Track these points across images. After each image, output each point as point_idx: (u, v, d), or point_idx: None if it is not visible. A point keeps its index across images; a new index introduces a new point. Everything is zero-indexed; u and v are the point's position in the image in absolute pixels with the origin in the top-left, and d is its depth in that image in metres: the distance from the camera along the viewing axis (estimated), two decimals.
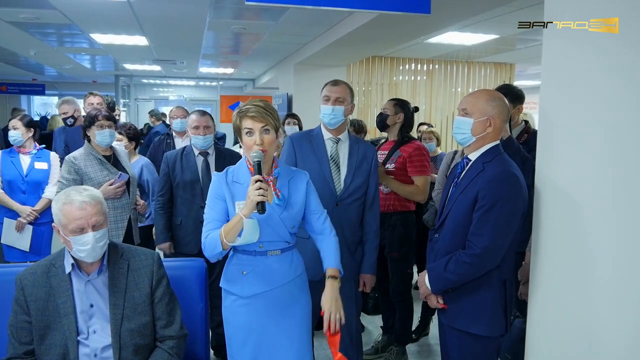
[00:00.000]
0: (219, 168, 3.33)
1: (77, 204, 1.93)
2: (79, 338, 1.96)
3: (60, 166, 4.06)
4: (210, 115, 3.45)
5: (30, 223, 3.91)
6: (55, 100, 16.20)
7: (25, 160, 3.97)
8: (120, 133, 3.80)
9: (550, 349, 2.10)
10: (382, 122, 3.57)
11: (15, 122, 3.96)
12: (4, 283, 2.12)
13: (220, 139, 5.16)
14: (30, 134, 3.98)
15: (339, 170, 2.77)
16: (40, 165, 3.98)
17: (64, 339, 1.94)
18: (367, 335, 4.11)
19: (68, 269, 1.98)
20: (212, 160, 3.39)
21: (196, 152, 3.38)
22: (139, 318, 2.01)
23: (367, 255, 2.84)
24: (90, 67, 11.00)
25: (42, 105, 16.71)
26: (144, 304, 2.03)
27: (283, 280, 2.18)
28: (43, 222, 3.97)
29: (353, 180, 2.76)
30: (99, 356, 1.97)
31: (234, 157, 3.47)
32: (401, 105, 3.50)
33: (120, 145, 3.73)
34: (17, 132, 3.93)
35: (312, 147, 2.79)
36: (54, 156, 4.10)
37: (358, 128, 4.83)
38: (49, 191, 3.95)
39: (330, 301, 2.11)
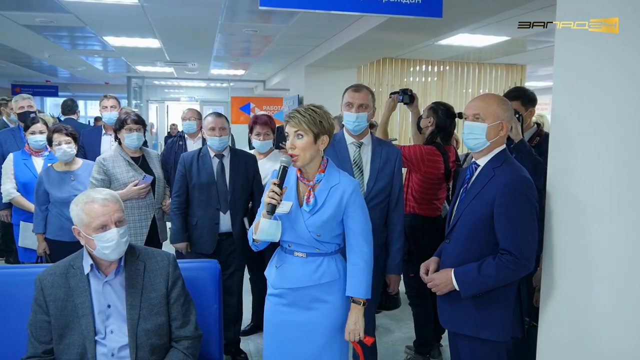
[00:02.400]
0: (233, 170, 3.38)
1: (99, 201, 1.99)
2: (96, 338, 2.00)
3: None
4: (226, 117, 3.50)
5: None
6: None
7: (38, 163, 4.00)
8: (67, 135, 3.60)
9: (561, 354, 2.11)
10: (417, 125, 3.60)
11: (42, 127, 3.99)
12: (24, 283, 2.17)
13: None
14: None
15: (362, 174, 2.78)
16: None
17: (82, 338, 1.98)
18: (385, 334, 4.16)
19: (87, 269, 2.02)
20: (227, 162, 3.42)
21: (212, 153, 3.41)
22: (155, 318, 2.05)
23: (392, 256, 2.85)
24: (103, 69, 11.11)
25: (55, 107, 16.86)
26: (160, 304, 2.07)
27: (303, 282, 2.22)
28: None
29: (376, 184, 2.76)
30: (116, 355, 2.01)
31: (249, 160, 3.51)
32: (434, 109, 3.46)
33: (72, 149, 3.61)
34: (44, 136, 3.96)
35: (335, 152, 2.80)
36: None
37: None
38: None
39: (352, 320, 2.21)
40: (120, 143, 3.49)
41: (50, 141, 3.63)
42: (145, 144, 4.84)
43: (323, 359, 2.25)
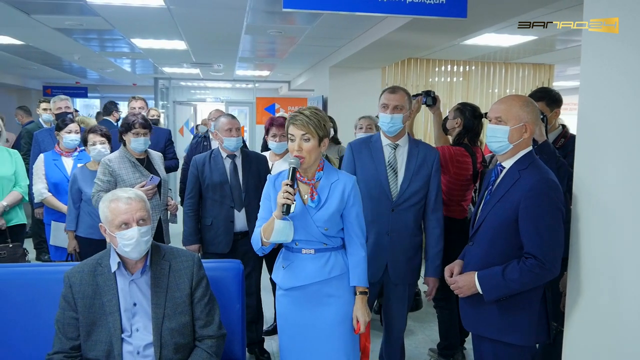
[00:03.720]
0: (245, 170, 3.43)
1: (123, 199, 2.05)
2: (122, 335, 2.04)
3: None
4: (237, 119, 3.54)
5: None
6: (97, 102, 16.68)
7: (68, 163, 4.08)
8: (102, 136, 3.75)
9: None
10: (443, 127, 3.58)
11: (76, 127, 4.06)
12: (54, 280, 2.22)
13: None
14: None
15: (396, 175, 2.79)
16: None
17: (108, 335, 2.03)
18: (408, 335, 4.15)
19: (114, 267, 2.07)
20: (239, 162, 3.47)
21: (224, 154, 3.46)
22: (179, 317, 2.08)
23: (431, 259, 2.84)
24: (131, 70, 11.28)
25: (84, 108, 17.19)
26: (184, 304, 2.10)
27: (314, 278, 2.28)
28: None
29: (410, 186, 2.76)
30: (142, 354, 2.05)
31: (260, 160, 3.57)
32: (461, 110, 3.45)
33: (106, 149, 3.72)
34: (78, 136, 4.05)
35: (370, 154, 2.83)
36: None
37: None
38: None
39: (362, 312, 2.30)
40: (124, 144, 3.51)
41: (85, 141, 3.72)
42: (168, 145, 4.90)
43: (339, 352, 2.30)
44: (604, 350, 1.98)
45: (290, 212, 2.15)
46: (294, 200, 2.14)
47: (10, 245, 3.69)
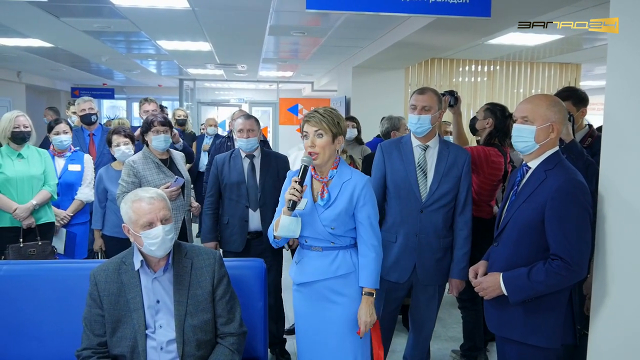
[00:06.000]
0: (264, 170, 3.45)
1: (146, 200, 2.08)
2: (146, 332, 2.07)
3: (94, 168, 4.17)
4: (256, 120, 3.54)
5: (63, 226, 4.05)
6: (123, 104, 16.94)
7: (59, 163, 4.11)
8: (125, 137, 3.83)
9: None
10: (472, 127, 3.56)
11: (66, 127, 4.10)
12: (80, 278, 2.27)
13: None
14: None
15: (426, 177, 2.78)
16: (74, 168, 4.10)
17: (133, 332, 2.06)
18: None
19: (137, 265, 2.11)
20: (257, 162, 3.48)
21: (243, 154, 3.47)
22: (201, 315, 2.11)
23: (456, 260, 2.83)
24: (156, 71, 11.44)
25: (111, 109, 17.49)
26: (206, 301, 2.13)
27: (320, 275, 2.32)
28: (76, 223, 4.11)
29: (439, 187, 2.75)
30: (165, 349, 2.08)
31: (279, 160, 3.57)
32: (492, 110, 3.44)
33: (130, 150, 3.79)
34: (68, 136, 4.10)
35: (400, 155, 2.83)
36: (87, 158, 4.21)
37: None
38: (82, 193, 4.08)
39: (365, 312, 2.29)
40: (147, 145, 3.54)
41: (110, 142, 3.80)
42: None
43: (347, 349, 2.32)
44: (631, 354, 1.94)
45: (299, 209, 2.20)
46: (300, 198, 2.19)
47: (40, 243, 3.76)
